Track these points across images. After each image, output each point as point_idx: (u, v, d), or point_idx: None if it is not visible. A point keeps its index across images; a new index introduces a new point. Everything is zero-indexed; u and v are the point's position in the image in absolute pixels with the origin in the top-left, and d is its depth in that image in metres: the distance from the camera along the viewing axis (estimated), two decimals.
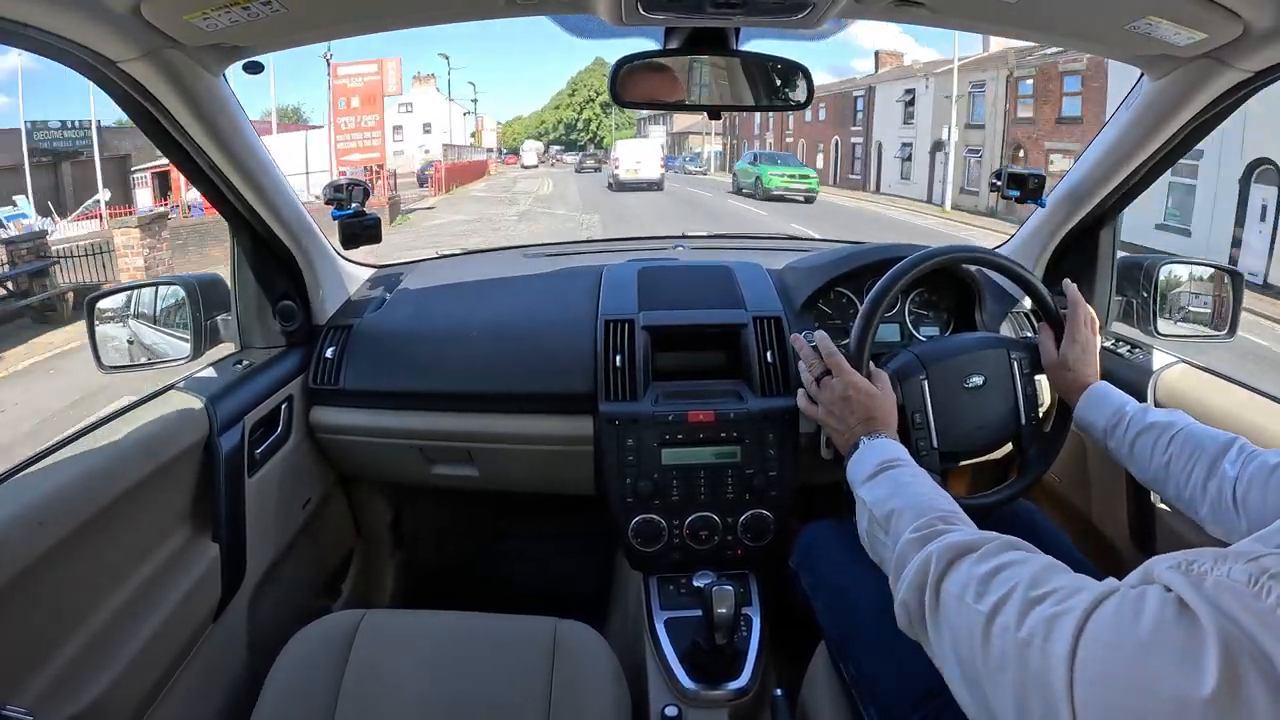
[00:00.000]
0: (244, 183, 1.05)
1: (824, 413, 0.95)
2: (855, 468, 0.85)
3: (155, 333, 1.21)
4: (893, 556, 0.68)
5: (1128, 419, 0.90)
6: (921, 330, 1.32)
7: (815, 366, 0.97)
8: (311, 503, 1.32)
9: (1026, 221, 1.39)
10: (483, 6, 0.89)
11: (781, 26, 0.88)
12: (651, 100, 1.01)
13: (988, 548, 0.59)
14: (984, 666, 0.51)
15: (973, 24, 0.96)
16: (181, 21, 0.76)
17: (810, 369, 0.98)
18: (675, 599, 1.16)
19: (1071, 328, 1.00)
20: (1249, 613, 0.39)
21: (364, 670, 0.94)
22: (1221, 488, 0.77)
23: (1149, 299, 1.27)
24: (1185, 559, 0.44)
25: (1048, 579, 0.52)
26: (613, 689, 0.95)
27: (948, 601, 0.58)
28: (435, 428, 1.25)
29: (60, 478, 0.79)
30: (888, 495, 0.75)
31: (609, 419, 1.16)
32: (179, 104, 0.89)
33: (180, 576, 0.95)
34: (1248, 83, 0.90)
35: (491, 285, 1.44)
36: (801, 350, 1.00)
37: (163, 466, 0.92)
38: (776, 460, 1.16)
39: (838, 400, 0.93)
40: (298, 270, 1.25)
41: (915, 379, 1.01)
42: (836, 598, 0.96)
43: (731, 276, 1.34)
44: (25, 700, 0.71)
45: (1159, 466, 0.85)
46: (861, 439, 0.88)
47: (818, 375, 0.97)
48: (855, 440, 0.88)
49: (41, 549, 0.73)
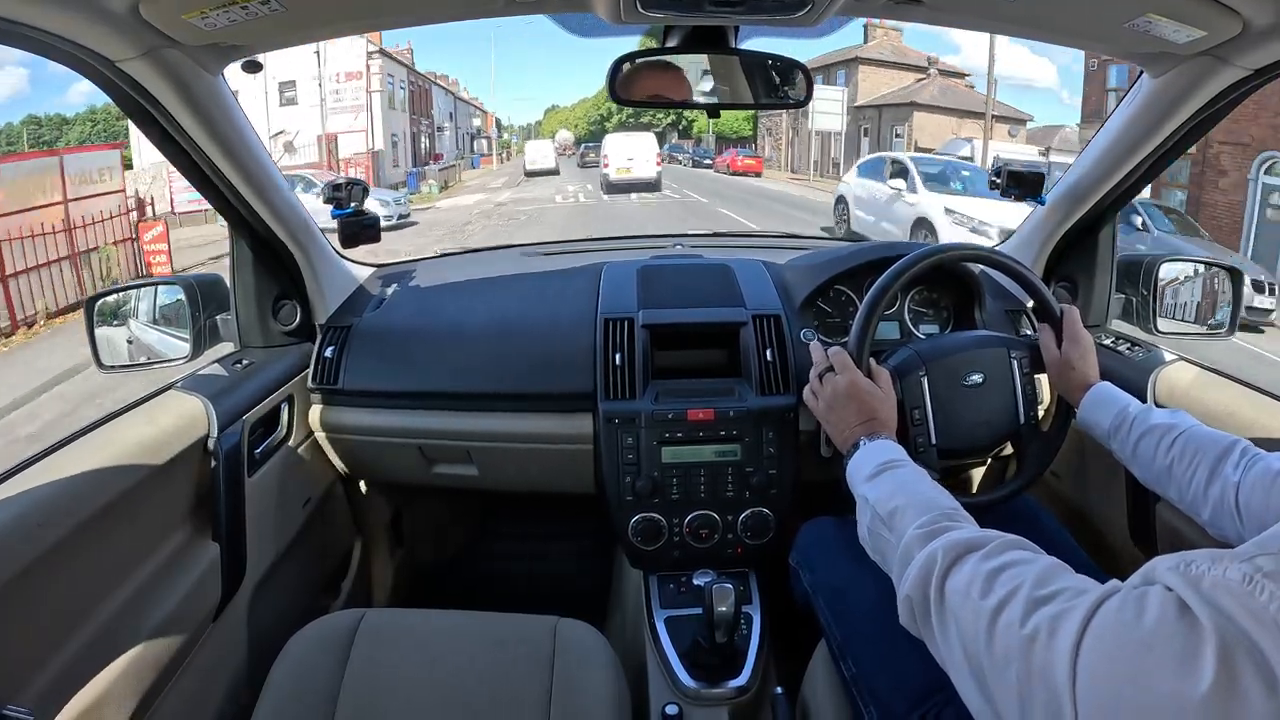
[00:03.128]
0: (243, 182, 1.05)
1: (825, 408, 0.95)
2: (855, 468, 0.85)
3: (155, 332, 1.21)
4: (897, 553, 0.68)
5: (1131, 420, 0.90)
6: (921, 328, 1.32)
7: (820, 363, 0.98)
8: (311, 502, 1.32)
9: (1027, 220, 1.39)
10: (482, 5, 0.89)
11: (781, 25, 0.88)
12: (650, 98, 1.01)
13: (993, 546, 0.60)
14: (988, 662, 0.52)
15: (971, 21, 0.96)
16: (180, 21, 0.76)
17: (817, 364, 0.99)
18: (675, 597, 1.16)
19: (1072, 327, 1.00)
20: (1244, 610, 0.40)
21: (364, 670, 0.94)
22: (1224, 492, 0.77)
23: (1149, 297, 1.27)
24: (1184, 560, 0.45)
25: (1053, 579, 0.53)
26: (613, 687, 0.95)
27: (952, 598, 0.58)
28: (435, 427, 1.25)
29: (60, 478, 0.79)
30: (891, 493, 0.75)
31: (609, 417, 1.16)
32: (178, 103, 0.89)
33: (180, 576, 0.95)
34: (1247, 80, 0.90)
35: (491, 284, 1.44)
36: (814, 352, 1.02)
37: (162, 466, 0.92)
38: (776, 458, 1.16)
39: (840, 397, 0.93)
40: (297, 270, 1.25)
41: (915, 375, 1.01)
42: (836, 595, 0.96)
43: (731, 275, 1.34)
44: (25, 700, 0.71)
45: (1161, 469, 0.85)
46: (862, 439, 0.87)
47: (821, 372, 0.97)
48: (855, 440, 0.88)
49: (41, 549, 0.73)
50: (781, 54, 0.97)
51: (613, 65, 0.94)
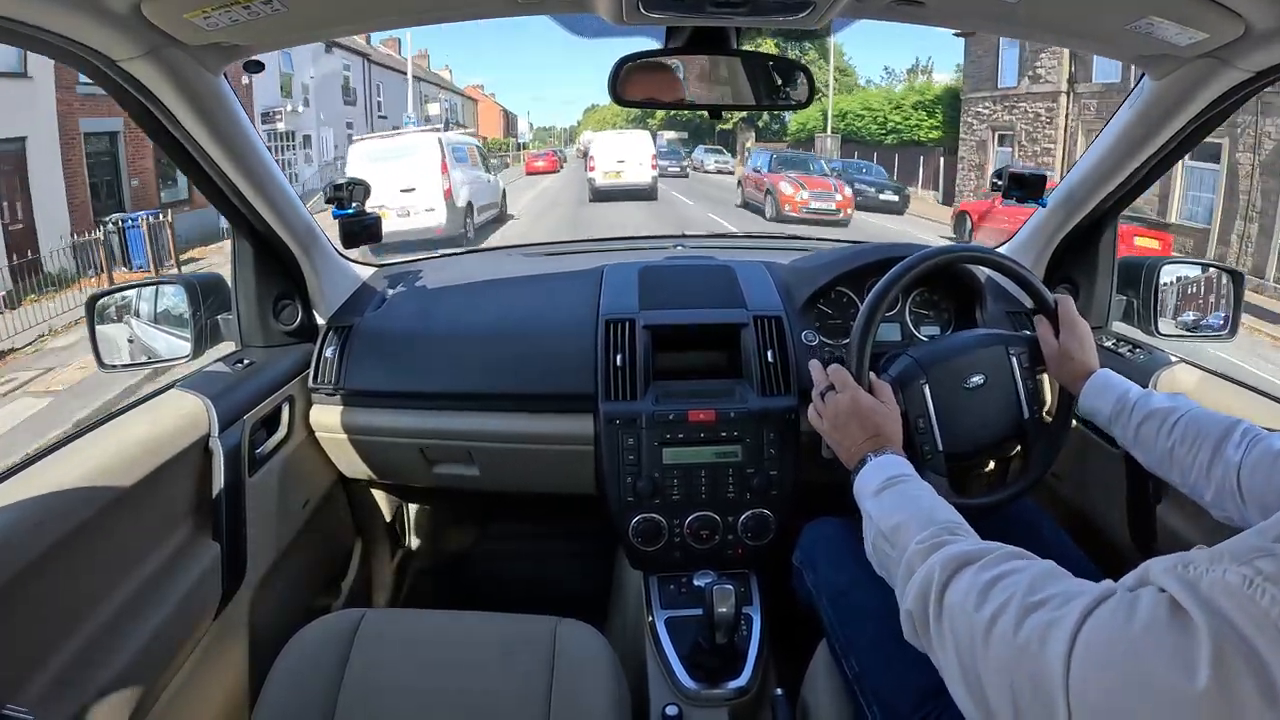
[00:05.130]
0: (244, 181, 1.05)
1: (829, 428, 0.94)
2: (862, 484, 0.84)
3: (156, 332, 1.21)
4: (899, 568, 0.68)
5: (1132, 405, 0.90)
6: (922, 330, 1.32)
7: (821, 382, 0.97)
8: (311, 503, 1.32)
9: (1028, 221, 1.39)
10: (483, 6, 0.89)
11: (783, 26, 0.88)
12: (652, 100, 1.01)
13: (989, 558, 0.60)
14: (984, 673, 0.52)
15: (973, 23, 0.96)
16: (182, 20, 0.76)
17: (817, 384, 0.98)
18: (676, 598, 1.16)
19: (1067, 315, 1.00)
20: (1244, 615, 0.39)
21: (364, 670, 0.94)
22: (1226, 473, 0.77)
23: (1149, 299, 1.27)
24: (1181, 560, 0.45)
25: (1045, 585, 0.53)
26: (613, 688, 0.95)
27: (950, 611, 0.58)
28: (436, 428, 1.25)
29: (60, 477, 0.79)
30: (894, 509, 0.75)
31: (609, 418, 1.16)
32: (179, 103, 0.89)
33: (180, 576, 0.95)
34: (1249, 83, 0.90)
35: (492, 285, 1.44)
36: (814, 371, 1.01)
37: (163, 466, 0.92)
38: (777, 460, 1.16)
39: (843, 415, 0.92)
40: (298, 269, 1.25)
41: (916, 384, 1.00)
42: (840, 595, 0.96)
43: (732, 276, 1.34)
44: (25, 700, 0.71)
45: (1163, 452, 0.85)
46: (868, 455, 0.87)
47: (822, 391, 0.97)
48: (861, 456, 0.88)
49: (41, 549, 0.73)
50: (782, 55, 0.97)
51: (614, 66, 0.94)
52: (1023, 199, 1.25)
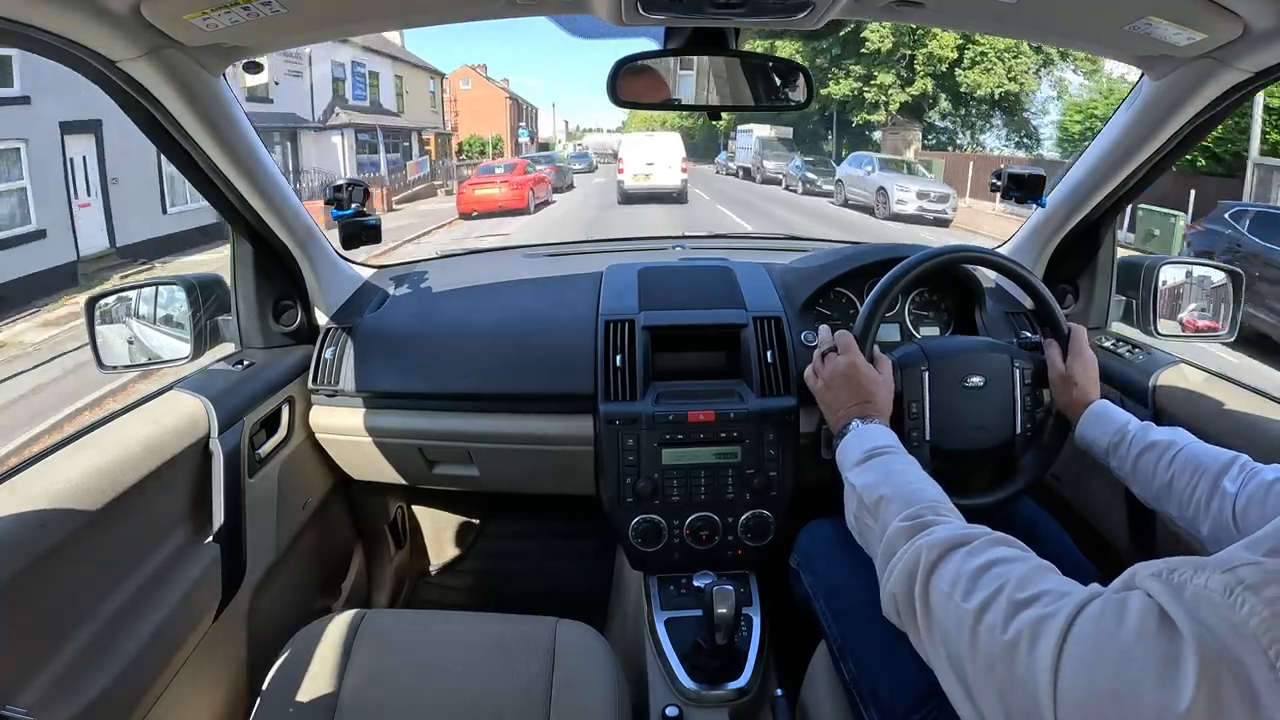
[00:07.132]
0: (244, 183, 1.05)
1: (822, 386, 0.96)
2: (845, 451, 0.85)
3: (155, 333, 1.21)
4: (880, 544, 0.68)
5: (1129, 438, 0.90)
6: (921, 330, 1.32)
7: (825, 343, 1.00)
8: (311, 503, 1.32)
9: (1027, 221, 1.39)
10: (483, 6, 0.89)
11: (782, 26, 0.88)
12: (651, 101, 1.01)
13: (977, 543, 0.60)
14: (971, 665, 0.52)
15: (972, 24, 0.96)
16: (181, 21, 0.76)
17: (821, 344, 1.01)
18: (676, 599, 1.16)
19: (1078, 343, 1.00)
20: (1225, 624, 0.39)
21: (364, 670, 0.94)
22: (1222, 505, 0.78)
23: (1149, 299, 1.27)
24: (1167, 567, 0.45)
25: (1035, 581, 0.53)
26: (613, 689, 0.95)
27: (936, 598, 0.58)
28: (436, 428, 1.25)
29: (60, 478, 0.79)
30: (877, 481, 0.76)
31: (609, 419, 1.16)
32: (179, 104, 0.89)
33: (180, 576, 0.95)
34: (1248, 83, 0.90)
35: (492, 285, 1.44)
36: (821, 332, 1.04)
37: (163, 467, 0.92)
38: (777, 460, 1.16)
39: (838, 376, 0.94)
40: (298, 270, 1.25)
41: (917, 369, 1.01)
42: (836, 597, 0.96)
43: (732, 276, 1.34)
44: (25, 700, 0.71)
45: (1161, 485, 0.85)
46: (855, 421, 0.88)
47: (824, 351, 0.98)
48: (848, 421, 0.89)
49: (41, 549, 0.73)
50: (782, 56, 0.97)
51: (613, 68, 0.94)
52: (1021, 199, 1.25)
